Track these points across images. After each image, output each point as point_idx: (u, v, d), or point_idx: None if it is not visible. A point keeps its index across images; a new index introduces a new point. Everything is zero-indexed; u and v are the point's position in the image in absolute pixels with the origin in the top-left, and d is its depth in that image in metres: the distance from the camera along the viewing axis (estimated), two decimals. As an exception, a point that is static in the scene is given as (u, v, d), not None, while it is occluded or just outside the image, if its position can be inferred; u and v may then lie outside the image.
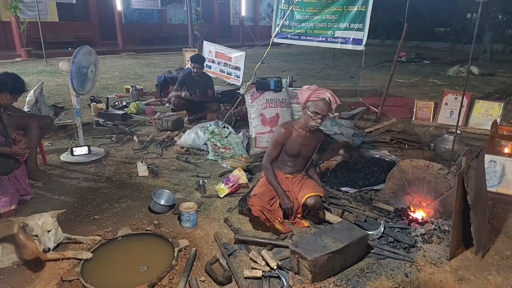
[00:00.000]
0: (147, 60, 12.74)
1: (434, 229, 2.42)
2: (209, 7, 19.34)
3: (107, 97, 6.00)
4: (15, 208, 2.72)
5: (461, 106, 3.36)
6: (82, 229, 2.55)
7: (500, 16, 14.53)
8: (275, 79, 4.37)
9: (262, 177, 2.74)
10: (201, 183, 3.09)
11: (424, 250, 2.22)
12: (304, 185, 2.56)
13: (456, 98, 4.86)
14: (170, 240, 2.31)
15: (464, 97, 4.85)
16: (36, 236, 2.07)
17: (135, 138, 4.49)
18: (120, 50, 15.32)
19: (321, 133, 2.72)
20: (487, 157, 2.74)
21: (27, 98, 5.09)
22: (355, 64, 11.41)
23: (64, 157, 3.85)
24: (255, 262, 2.11)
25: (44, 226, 2.10)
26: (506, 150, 3.00)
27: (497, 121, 4.49)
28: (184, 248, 2.27)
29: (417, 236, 2.34)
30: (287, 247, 2.22)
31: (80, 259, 2.16)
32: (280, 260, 2.13)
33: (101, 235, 2.44)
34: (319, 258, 1.91)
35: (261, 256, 2.12)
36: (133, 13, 17.16)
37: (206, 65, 6.24)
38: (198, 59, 5.19)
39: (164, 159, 3.91)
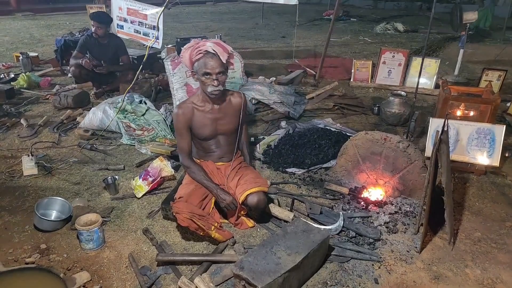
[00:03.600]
0: (48, 21, 10.72)
1: (396, 213, 2.09)
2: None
3: (-16, 69, 4.64)
4: None
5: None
6: None
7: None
8: (199, 39, 3.62)
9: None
10: (110, 181, 2.36)
11: (391, 243, 1.88)
12: (242, 178, 1.99)
13: (393, 56, 4.64)
14: (61, 276, 1.61)
15: (401, 54, 4.75)
16: None
17: (22, 121, 3.47)
18: (13, 10, 12.68)
19: (237, 96, 2.07)
20: (440, 122, 2.47)
21: None
22: (286, 24, 10.90)
23: None
24: (187, 292, 1.56)
25: None
26: (459, 112, 2.80)
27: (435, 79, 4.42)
28: (84, 286, 1.60)
29: (380, 225, 1.98)
30: (230, 262, 1.69)
31: None
32: (220, 284, 1.60)
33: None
34: (273, 283, 1.42)
35: (194, 285, 1.57)
36: (24, -36, 14.08)
37: (118, 24, 5.13)
38: (100, 17, 4.15)
39: (63, 147, 3.03)
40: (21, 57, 5.33)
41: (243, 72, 4.16)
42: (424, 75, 4.46)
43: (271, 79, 4.63)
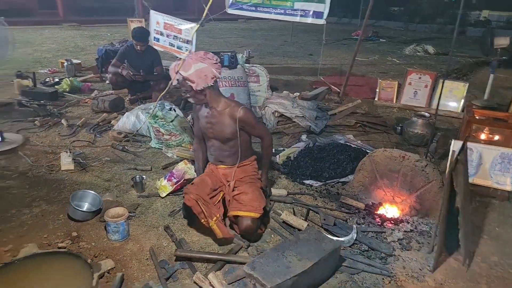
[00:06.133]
0: (92, 31, 11.45)
1: (411, 231, 2.11)
2: (161, -25, 17.76)
3: (34, 73, 5.05)
4: None
5: (440, 89, 3.03)
6: (-28, 248, 1.91)
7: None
8: (229, 54, 3.82)
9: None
10: (138, 179, 2.52)
11: (403, 260, 1.89)
12: (241, 194, 2.05)
13: (420, 78, 4.64)
14: (89, 261, 1.76)
15: (428, 76, 4.73)
16: None
17: (63, 121, 3.75)
18: (61, 20, 13.66)
19: (235, 110, 2.05)
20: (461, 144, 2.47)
21: None
22: (314, 42, 11.07)
23: (-33, 147, 3.06)
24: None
25: None
26: (483, 136, 2.77)
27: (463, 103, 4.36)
28: (108, 272, 1.74)
29: (394, 241, 2.01)
30: (242, 263, 1.78)
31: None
32: (232, 283, 1.69)
33: (-5, 257, 1.83)
34: (282, 284, 1.49)
35: (208, 280, 1.66)
36: (75, -21, 15.26)
37: (154, 37, 5.48)
38: (141, 36, 4.43)
39: (97, 147, 3.26)
40: (65, 63, 5.75)
41: (268, 86, 4.32)
42: (452, 98, 4.42)
43: (295, 94, 4.74)
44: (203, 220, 1.96)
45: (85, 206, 2.26)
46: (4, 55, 3.11)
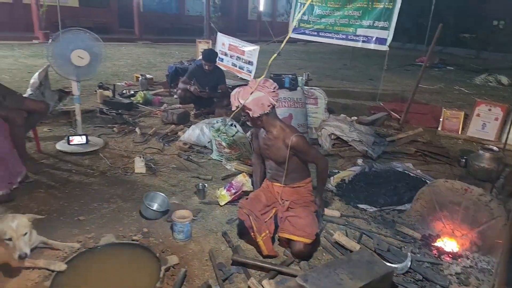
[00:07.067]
0: (162, 50, 12.51)
1: (471, 267, 2.02)
2: (227, 0, 18.95)
3: (114, 85, 5.71)
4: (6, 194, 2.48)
5: None
6: (63, 232, 2.25)
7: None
8: (290, 76, 4.00)
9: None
10: (200, 187, 2.75)
11: (460, 295, 1.84)
12: (295, 217, 2.12)
13: (490, 110, 4.39)
14: (158, 255, 1.97)
15: (499, 109, 4.45)
16: (9, 240, 1.79)
17: (137, 130, 4.19)
18: (137, 38, 15.14)
19: (289, 136, 2.14)
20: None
21: (31, 81, 4.83)
22: (375, 66, 10.91)
23: (60, 145, 3.56)
24: (254, 292, 1.77)
25: (19, 229, 1.82)
26: (559, 175, 2.58)
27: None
28: (173, 267, 1.93)
29: (451, 275, 1.95)
30: (294, 276, 1.86)
31: (52, 271, 1.85)
32: (284, 292, 1.78)
33: (81, 242, 2.13)
34: (333, 299, 1.55)
35: (262, 286, 1.77)
36: (152, 2, 16.96)
37: (219, 57, 5.91)
38: (210, 57, 4.84)
39: (165, 155, 3.59)
40: (140, 78, 6.39)
41: (326, 108, 4.40)
42: (525, 133, 4.11)
43: (352, 118, 4.76)
44: (252, 234, 2.09)
45: (155, 206, 2.52)
46: (97, 69, 3.59)
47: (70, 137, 3.55)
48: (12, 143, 2.73)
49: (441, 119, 4.68)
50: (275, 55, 2.02)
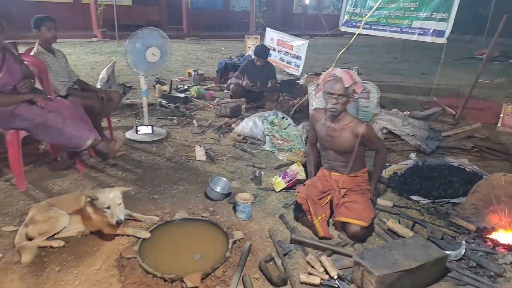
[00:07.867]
0: (209, 46, 12.92)
1: (529, 259, 2.03)
2: (272, -6, 19.03)
3: (171, 80, 6.14)
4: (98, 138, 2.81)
5: None
6: (142, 208, 2.58)
7: None
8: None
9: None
10: (257, 174, 2.98)
11: (516, 283, 1.87)
12: (352, 203, 2.27)
13: (557, 105, 4.14)
14: (225, 230, 2.23)
15: None
16: (108, 208, 2.12)
17: (194, 122, 4.52)
18: (185, 35, 15.75)
19: (359, 126, 2.27)
20: None
21: (100, 76, 5.40)
22: (427, 60, 10.45)
23: (129, 134, 3.99)
24: (312, 267, 1.95)
25: (115, 199, 2.15)
26: None
27: None
28: (239, 241, 2.17)
29: (506, 264, 1.98)
30: (350, 256, 2.01)
31: (139, 238, 2.17)
32: (339, 269, 1.94)
33: (159, 216, 2.45)
34: (389, 275, 1.68)
35: (320, 262, 1.95)
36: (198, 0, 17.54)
37: (268, 53, 6.08)
38: (262, 53, 5.03)
39: (221, 145, 3.87)
40: (193, 73, 6.74)
41: (378, 103, 4.42)
42: None
43: (404, 112, 4.71)
44: (309, 217, 2.26)
45: (218, 189, 2.78)
46: (166, 65, 3.96)
47: (138, 127, 3.96)
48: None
49: (501, 115, 4.48)
50: (344, 49, 2.17)
